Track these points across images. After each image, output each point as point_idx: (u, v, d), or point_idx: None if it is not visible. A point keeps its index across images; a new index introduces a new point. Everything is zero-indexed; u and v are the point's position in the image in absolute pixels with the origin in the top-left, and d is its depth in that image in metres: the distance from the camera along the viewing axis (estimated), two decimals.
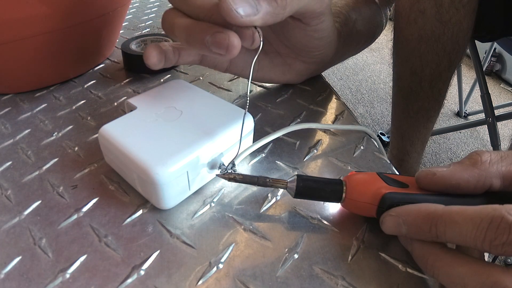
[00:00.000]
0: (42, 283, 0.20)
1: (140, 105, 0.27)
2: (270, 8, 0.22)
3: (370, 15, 0.44)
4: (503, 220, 0.16)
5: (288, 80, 0.38)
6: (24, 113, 0.34)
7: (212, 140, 0.25)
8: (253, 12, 0.22)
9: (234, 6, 0.21)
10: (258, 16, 0.22)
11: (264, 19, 0.22)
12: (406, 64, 0.71)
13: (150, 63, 0.27)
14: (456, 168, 0.21)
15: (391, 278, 0.21)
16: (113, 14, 0.39)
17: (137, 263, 0.21)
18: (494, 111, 1.03)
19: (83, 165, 0.28)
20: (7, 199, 0.25)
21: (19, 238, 0.23)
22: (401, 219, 0.20)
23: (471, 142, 1.53)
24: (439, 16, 0.61)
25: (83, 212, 0.24)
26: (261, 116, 0.34)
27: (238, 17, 0.21)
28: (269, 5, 0.22)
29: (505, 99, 1.86)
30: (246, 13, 0.21)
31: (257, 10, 0.22)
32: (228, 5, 0.21)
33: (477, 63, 1.05)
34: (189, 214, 0.24)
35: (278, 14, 0.23)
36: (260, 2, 0.22)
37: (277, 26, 0.31)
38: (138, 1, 0.66)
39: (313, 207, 0.25)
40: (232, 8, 0.21)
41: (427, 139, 0.84)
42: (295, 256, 0.22)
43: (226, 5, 0.21)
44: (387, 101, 1.74)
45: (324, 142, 0.31)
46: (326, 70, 0.42)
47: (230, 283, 0.20)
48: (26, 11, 0.30)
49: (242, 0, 0.21)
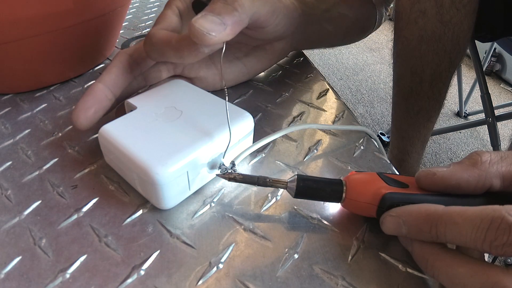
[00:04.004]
0: (42, 283, 0.20)
1: (140, 105, 0.27)
2: (235, 18, 0.24)
3: (359, 3, 0.44)
4: (503, 221, 0.16)
5: (276, 61, 0.40)
6: (24, 113, 0.34)
7: (212, 140, 0.25)
8: (222, 28, 0.23)
9: (205, 30, 0.22)
10: (228, 29, 0.23)
11: (233, 29, 0.24)
12: (406, 64, 0.71)
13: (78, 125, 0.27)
14: (456, 168, 0.21)
15: (391, 278, 0.21)
16: (113, 14, 0.39)
17: (137, 263, 0.21)
18: (494, 111, 1.03)
19: (83, 165, 0.28)
20: (7, 199, 0.25)
21: (19, 238, 0.23)
22: (401, 220, 0.20)
23: (471, 142, 1.53)
24: (440, 16, 0.61)
25: (83, 212, 0.24)
26: (261, 116, 0.34)
27: (213, 38, 0.23)
28: (232, 15, 0.24)
29: (505, 99, 1.86)
30: (217, 31, 0.23)
31: (224, 24, 0.23)
32: (200, 31, 0.22)
33: (477, 63, 1.05)
34: (189, 214, 0.24)
35: (242, 20, 0.25)
36: (224, 16, 0.23)
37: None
38: (138, 1, 0.66)
39: (313, 207, 0.25)
40: (205, 32, 0.22)
41: (427, 139, 0.84)
42: (295, 256, 0.22)
43: (198, 31, 0.22)
44: (387, 101, 1.74)
45: (324, 142, 0.31)
46: (326, 70, 0.42)
47: (230, 283, 0.20)
48: (26, 11, 0.30)
49: (209, 22, 0.23)
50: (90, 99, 0.27)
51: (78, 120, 0.26)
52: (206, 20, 0.23)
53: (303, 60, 0.45)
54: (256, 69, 0.38)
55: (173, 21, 0.29)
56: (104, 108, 0.27)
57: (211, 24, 0.23)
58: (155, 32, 0.26)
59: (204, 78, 0.34)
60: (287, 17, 0.33)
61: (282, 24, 0.33)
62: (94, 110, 0.27)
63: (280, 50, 0.38)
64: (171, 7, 0.29)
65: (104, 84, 0.27)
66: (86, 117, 0.26)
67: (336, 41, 0.45)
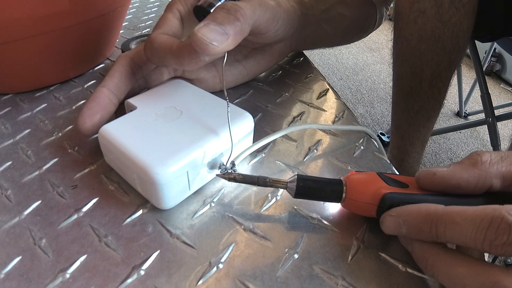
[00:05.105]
0: (42, 283, 0.20)
1: (140, 105, 0.27)
2: (237, 28, 0.24)
3: (358, 3, 0.44)
4: (503, 221, 0.16)
5: (276, 62, 0.40)
6: (24, 113, 0.34)
7: (212, 140, 0.25)
8: (225, 38, 0.23)
9: (208, 40, 0.22)
10: (230, 39, 0.24)
11: (235, 39, 0.24)
12: (406, 64, 0.71)
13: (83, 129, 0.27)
14: (456, 168, 0.21)
15: (391, 278, 0.21)
16: (113, 14, 0.39)
17: (137, 263, 0.21)
18: (494, 111, 1.03)
19: (83, 165, 0.28)
20: (7, 199, 0.25)
21: (19, 238, 0.23)
22: (401, 219, 0.20)
23: (471, 142, 1.53)
24: (439, 16, 0.62)
25: (83, 212, 0.24)
26: (261, 116, 0.34)
27: (215, 48, 0.23)
28: (234, 25, 0.24)
29: (505, 99, 1.86)
30: (219, 41, 0.23)
31: (226, 34, 0.23)
32: (203, 40, 0.22)
33: (477, 63, 1.05)
34: (189, 214, 0.24)
35: (244, 30, 0.25)
36: (226, 26, 0.23)
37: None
38: (138, 1, 0.66)
39: (313, 207, 0.25)
40: (207, 42, 0.22)
41: (427, 139, 0.84)
42: (295, 256, 0.22)
43: (200, 41, 0.22)
44: (387, 101, 1.74)
45: (324, 142, 0.31)
46: (326, 70, 0.42)
47: (230, 283, 0.20)
48: (26, 11, 0.30)
49: (211, 31, 0.23)
50: (95, 105, 0.27)
51: (84, 126, 0.26)
52: (209, 30, 0.23)
53: (303, 60, 0.45)
54: (256, 71, 0.38)
55: (174, 25, 0.29)
56: (109, 113, 0.27)
57: (213, 33, 0.23)
58: (156, 37, 0.26)
59: (204, 79, 0.34)
60: (287, 21, 0.33)
61: (283, 28, 0.33)
62: (100, 115, 0.27)
63: (279, 51, 0.38)
64: (172, 10, 0.29)
65: (108, 88, 0.28)
66: (93, 123, 0.26)
67: (336, 41, 0.45)
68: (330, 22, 0.40)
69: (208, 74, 0.34)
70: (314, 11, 0.38)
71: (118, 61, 0.29)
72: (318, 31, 0.40)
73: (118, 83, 0.28)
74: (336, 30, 0.42)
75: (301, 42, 0.40)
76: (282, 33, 0.33)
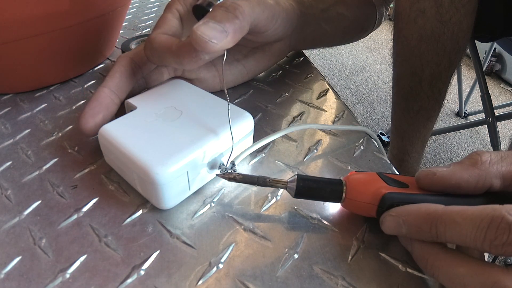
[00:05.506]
0: (42, 283, 0.20)
1: (140, 105, 0.27)
2: (236, 25, 0.24)
3: (357, 3, 0.44)
4: (503, 220, 0.16)
5: (275, 62, 0.40)
6: (24, 113, 0.34)
7: (212, 140, 0.25)
8: (224, 36, 0.23)
9: (207, 37, 0.22)
10: (229, 36, 0.24)
11: (234, 37, 0.24)
12: (406, 64, 0.71)
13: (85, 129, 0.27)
14: (456, 168, 0.21)
15: (391, 278, 0.21)
16: (113, 14, 0.39)
17: (137, 263, 0.21)
18: (494, 111, 1.03)
19: (83, 165, 0.28)
20: (7, 199, 0.25)
21: (19, 238, 0.23)
22: (401, 219, 0.20)
23: (471, 142, 1.53)
24: (439, 15, 0.61)
25: (83, 212, 0.24)
26: (261, 116, 0.34)
27: (215, 46, 0.23)
28: (233, 23, 0.24)
29: (505, 99, 1.86)
30: (219, 39, 0.23)
31: (226, 31, 0.23)
32: (202, 38, 0.22)
33: (477, 63, 1.05)
34: (189, 214, 0.24)
35: (243, 28, 0.25)
36: (226, 24, 0.24)
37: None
38: (138, 1, 0.66)
39: (313, 207, 0.25)
40: (207, 40, 0.22)
41: (427, 139, 0.84)
42: (295, 256, 0.22)
43: (199, 39, 0.22)
44: (387, 101, 1.74)
45: (324, 142, 0.31)
46: (326, 70, 0.42)
47: (230, 283, 0.20)
48: (26, 11, 0.30)
49: (211, 29, 0.23)
50: (97, 105, 0.27)
51: (86, 126, 0.26)
52: (208, 27, 0.23)
53: (303, 60, 0.45)
54: (255, 70, 0.38)
55: (174, 24, 0.29)
56: (111, 113, 0.28)
57: (212, 31, 0.23)
58: (155, 37, 0.26)
59: (204, 79, 0.34)
60: (286, 20, 0.33)
61: (282, 27, 0.33)
62: (102, 115, 0.27)
63: (278, 50, 0.38)
64: (172, 10, 0.29)
65: (109, 88, 0.28)
66: (95, 123, 0.26)
67: (335, 40, 0.45)
68: (330, 22, 0.41)
69: (208, 74, 0.34)
70: (313, 10, 0.38)
71: (118, 61, 0.29)
72: (317, 30, 0.40)
73: (119, 83, 0.28)
74: (335, 30, 0.42)
75: (300, 42, 0.40)
76: (281, 31, 0.33)
